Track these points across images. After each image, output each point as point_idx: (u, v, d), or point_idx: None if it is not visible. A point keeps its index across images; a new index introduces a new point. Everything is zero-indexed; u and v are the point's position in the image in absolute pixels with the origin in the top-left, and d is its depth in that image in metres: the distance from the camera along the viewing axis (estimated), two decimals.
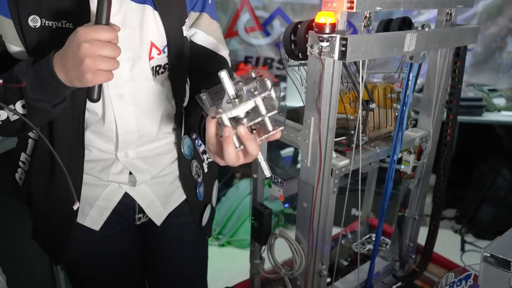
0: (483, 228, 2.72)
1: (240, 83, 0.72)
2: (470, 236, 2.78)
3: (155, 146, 1.05)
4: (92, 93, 0.76)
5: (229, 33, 3.51)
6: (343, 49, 0.95)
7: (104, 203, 1.06)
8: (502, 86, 2.96)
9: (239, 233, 2.61)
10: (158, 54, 0.96)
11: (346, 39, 0.93)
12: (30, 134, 1.00)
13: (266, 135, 0.70)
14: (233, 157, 0.68)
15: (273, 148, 3.09)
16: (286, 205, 1.37)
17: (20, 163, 1.02)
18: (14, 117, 0.82)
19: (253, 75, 0.73)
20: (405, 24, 1.31)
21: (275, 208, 2.67)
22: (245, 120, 0.69)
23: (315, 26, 0.94)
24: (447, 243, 1.93)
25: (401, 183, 1.54)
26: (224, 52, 1.07)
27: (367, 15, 1.02)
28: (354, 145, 1.18)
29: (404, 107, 1.24)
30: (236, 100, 0.68)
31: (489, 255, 0.84)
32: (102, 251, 1.10)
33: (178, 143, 1.10)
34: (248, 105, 0.67)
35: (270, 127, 0.70)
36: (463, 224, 2.81)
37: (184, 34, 0.98)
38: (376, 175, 1.75)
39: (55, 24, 0.85)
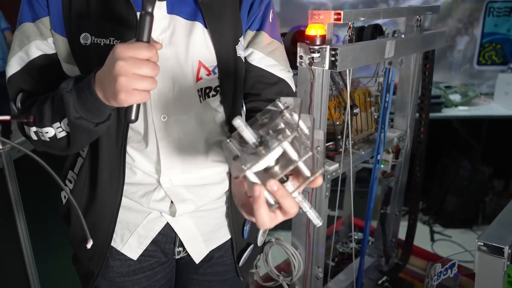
0: (449, 218, 2.87)
1: (266, 119, 0.61)
2: (438, 226, 2.93)
3: (203, 175, 0.96)
4: (129, 114, 0.71)
5: None
6: (333, 59, 0.99)
7: (144, 231, 0.97)
8: (456, 82, 3.16)
9: None
10: (208, 75, 0.88)
11: (336, 49, 0.98)
12: (80, 152, 0.95)
13: (304, 183, 0.58)
14: (267, 219, 0.56)
15: None
16: None
17: (67, 181, 0.97)
18: (60, 135, 0.79)
19: (280, 106, 0.61)
20: (377, 31, 1.38)
21: None
22: (276, 168, 0.57)
23: (306, 38, 0.98)
24: (417, 235, 2.04)
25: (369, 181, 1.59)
26: (285, 74, 0.95)
27: (351, 26, 1.06)
28: (342, 150, 1.23)
29: (385, 110, 1.30)
30: (261, 148, 0.56)
31: (482, 244, 0.90)
32: (136, 285, 1.01)
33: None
34: (274, 154, 0.55)
35: (307, 172, 0.57)
36: (430, 215, 2.95)
37: (238, 54, 0.90)
38: (355, 176, 1.81)
39: (103, 41, 0.83)
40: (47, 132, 0.78)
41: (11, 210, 1.46)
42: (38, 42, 0.84)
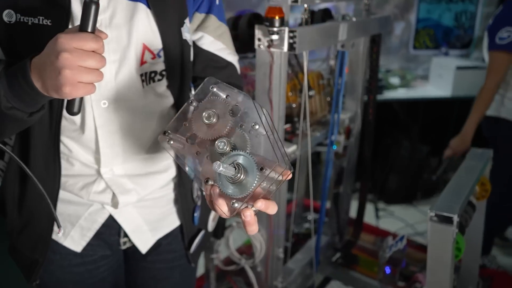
0: (392, 195, 3.05)
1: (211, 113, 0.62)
2: (382, 203, 3.09)
3: (147, 164, 0.93)
4: (71, 106, 0.66)
5: None
6: (291, 41, 1.00)
7: (86, 224, 0.94)
8: (394, 66, 3.32)
9: None
10: (152, 59, 0.85)
11: (294, 31, 0.98)
12: (7, 140, 0.87)
13: (279, 185, 0.62)
14: (256, 230, 0.64)
15: None
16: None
17: None
18: None
19: (221, 94, 0.63)
20: (327, 15, 1.41)
21: None
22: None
23: (265, 20, 0.98)
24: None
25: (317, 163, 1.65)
26: (232, 58, 0.96)
27: (307, 8, 1.08)
28: (300, 132, 1.25)
29: (339, 92, 1.34)
30: (240, 175, 0.58)
31: (434, 214, 0.97)
32: (75, 278, 0.98)
33: None
34: (254, 185, 0.58)
35: (280, 178, 0.60)
36: (375, 193, 3.11)
37: (184, 37, 0.87)
38: (306, 158, 1.86)
39: (31, 20, 0.76)
40: None
41: None
42: None
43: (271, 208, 0.62)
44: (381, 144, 3.11)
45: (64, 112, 0.81)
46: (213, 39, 0.92)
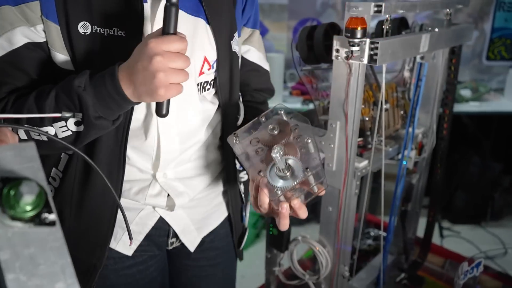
0: (458, 214, 2.87)
1: (275, 131, 0.78)
2: (446, 222, 2.92)
3: (196, 166, 0.98)
4: (161, 108, 0.70)
5: None
6: (372, 52, 0.96)
7: (137, 228, 0.98)
8: (465, 78, 3.14)
9: None
10: (208, 69, 0.91)
11: (377, 43, 0.94)
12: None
13: (311, 198, 0.79)
14: (288, 226, 0.77)
15: None
16: None
17: (50, 179, 0.92)
18: (63, 134, 0.75)
19: (289, 121, 0.79)
20: (403, 24, 1.34)
21: None
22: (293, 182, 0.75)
23: (346, 30, 0.94)
24: None
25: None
26: (267, 66, 1.08)
27: (389, 19, 1.03)
28: (372, 146, 1.20)
29: (415, 106, 1.27)
30: (288, 172, 0.73)
31: None
32: (127, 280, 1.02)
33: (227, 160, 1.04)
34: (299, 179, 0.73)
35: (315, 190, 0.78)
36: (439, 211, 2.95)
37: (233, 49, 0.93)
38: (372, 173, 1.79)
39: (107, 31, 0.78)
40: (46, 132, 0.74)
41: None
42: (24, 28, 0.76)
43: (302, 210, 0.75)
44: (448, 159, 2.95)
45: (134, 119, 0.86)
46: (256, 51, 1.04)
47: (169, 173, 0.94)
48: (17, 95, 0.77)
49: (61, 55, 0.79)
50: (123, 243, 0.98)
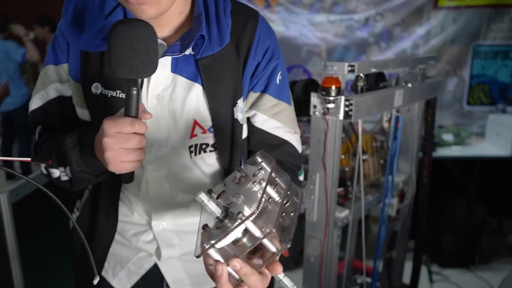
0: (447, 258, 2.86)
1: (242, 179, 0.62)
2: (436, 266, 2.91)
3: (193, 222, 0.97)
4: (123, 177, 0.77)
5: None
6: (347, 109, 1.01)
7: (134, 268, 1.02)
8: (447, 122, 3.23)
9: None
10: (203, 133, 0.90)
11: (350, 100, 0.99)
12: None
13: (268, 258, 0.58)
14: None
15: None
16: None
17: (75, 209, 1.04)
18: (64, 178, 0.86)
19: (258, 160, 0.64)
20: (380, 77, 1.41)
21: None
22: (245, 240, 0.56)
23: (322, 89, 1.00)
24: None
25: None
26: (289, 136, 0.95)
27: (362, 76, 1.09)
28: (353, 196, 1.23)
29: (393, 156, 1.31)
30: (227, 221, 0.56)
31: None
32: None
33: None
34: (236, 233, 0.55)
35: (272, 249, 0.56)
36: (427, 255, 2.94)
37: (235, 117, 0.90)
38: (356, 221, 1.81)
39: (110, 93, 0.88)
40: (53, 173, 0.87)
41: (7, 256, 1.43)
42: (57, 85, 0.92)
43: (248, 275, 0.56)
44: (434, 203, 2.98)
45: None
46: (266, 117, 0.93)
47: (166, 224, 0.97)
48: (47, 136, 0.92)
49: (81, 109, 0.91)
50: (119, 279, 1.02)
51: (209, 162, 0.94)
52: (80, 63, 0.88)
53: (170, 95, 0.88)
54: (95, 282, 0.76)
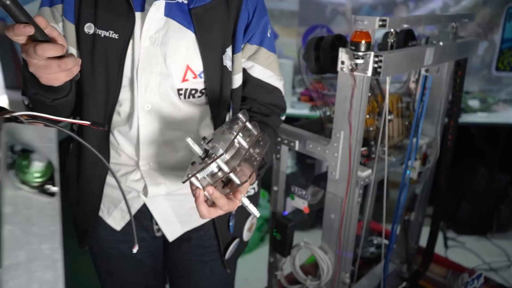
0: (463, 224, 2.87)
1: (226, 130, 0.81)
2: (451, 232, 2.92)
3: (179, 161, 1.06)
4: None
5: None
6: (376, 65, 0.98)
7: (125, 207, 1.11)
8: (474, 88, 3.14)
9: None
10: (194, 78, 0.98)
11: (380, 56, 0.97)
12: (73, 125, 1.10)
13: (234, 187, 0.77)
14: (205, 213, 0.78)
15: None
16: (285, 212, 1.38)
17: (70, 146, 1.11)
18: (26, 102, 0.91)
19: (242, 119, 0.84)
20: (409, 36, 1.36)
21: (267, 214, 2.70)
22: (219, 173, 0.75)
23: (351, 44, 0.97)
24: None
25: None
26: (279, 83, 1.07)
27: (393, 32, 1.05)
28: (376, 156, 1.22)
29: (419, 117, 1.29)
30: (206, 159, 0.75)
31: None
32: (119, 252, 1.16)
33: None
34: (210, 168, 0.74)
35: (237, 181, 0.75)
36: (444, 221, 2.94)
37: (224, 64, 0.98)
38: (377, 182, 1.80)
39: (103, 33, 0.94)
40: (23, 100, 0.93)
41: None
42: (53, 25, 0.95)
43: (218, 199, 0.76)
44: (454, 169, 2.94)
45: (117, 109, 1.00)
46: (262, 68, 1.04)
47: (153, 164, 1.05)
48: None
49: (72, 49, 0.95)
50: (113, 218, 1.12)
51: (198, 107, 1.03)
52: (74, 3, 0.94)
53: (162, 37, 0.94)
54: (135, 250, 0.80)
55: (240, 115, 0.84)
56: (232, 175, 0.75)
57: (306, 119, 2.12)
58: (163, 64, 0.95)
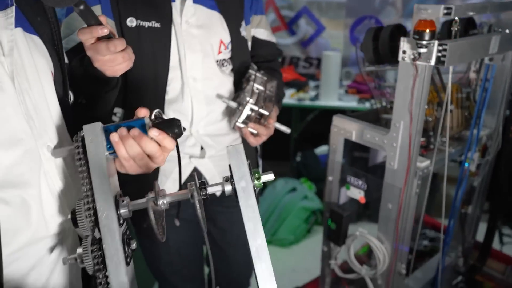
0: None
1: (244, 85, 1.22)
2: (507, 229, 2.80)
3: (219, 127, 1.27)
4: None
5: None
6: (440, 54, 0.97)
7: (177, 176, 1.16)
8: None
9: (279, 232, 2.64)
10: (225, 49, 1.22)
11: (445, 45, 0.96)
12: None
13: (266, 118, 1.20)
14: (254, 142, 1.22)
15: (307, 147, 3.11)
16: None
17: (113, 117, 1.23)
18: (80, 101, 0.94)
19: (252, 72, 1.23)
20: (470, 24, 1.33)
21: (314, 206, 2.71)
22: (253, 114, 1.18)
23: (415, 32, 0.96)
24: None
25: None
26: (272, 37, 1.38)
27: (457, 20, 1.04)
28: (435, 146, 1.21)
29: (481, 107, 1.26)
30: (241, 108, 1.16)
31: None
32: (167, 216, 1.24)
33: None
34: (246, 111, 1.16)
35: (266, 112, 1.19)
36: (500, 217, 2.82)
37: (242, 35, 1.24)
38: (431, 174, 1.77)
39: (147, 24, 1.07)
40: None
41: None
42: None
43: (258, 128, 1.18)
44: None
45: (169, 87, 1.17)
46: (264, 30, 1.35)
47: (201, 130, 1.24)
48: None
49: None
50: (167, 188, 1.18)
51: (227, 73, 1.26)
52: (110, 1, 1.05)
53: (196, 20, 1.15)
54: (177, 223, 0.86)
55: (250, 70, 1.20)
56: (261, 110, 1.15)
57: (353, 112, 2.11)
58: (203, 42, 1.16)
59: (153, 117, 0.70)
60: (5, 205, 0.60)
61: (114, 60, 0.79)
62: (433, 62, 0.98)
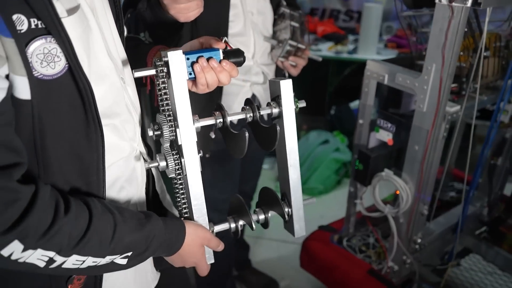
0: None
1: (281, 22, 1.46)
2: None
3: (270, 57, 1.49)
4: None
5: None
6: None
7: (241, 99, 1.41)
8: None
9: (310, 181, 2.73)
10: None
11: None
12: None
13: (302, 52, 1.47)
14: (294, 72, 1.48)
15: (343, 101, 3.12)
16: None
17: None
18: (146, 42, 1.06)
19: (287, 11, 1.45)
20: None
21: (345, 158, 2.77)
22: (291, 48, 1.43)
23: None
24: None
25: None
26: None
27: None
28: (466, 93, 1.23)
29: None
30: (280, 44, 1.43)
31: None
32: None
33: None
34: (287, 47, 1.40)
35: (302, 46, 1.44)
36: None
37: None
38: (463, 125, 1.78)
39: None
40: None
41: None
42: None
43: (296, 59, 1.45)
44: None
45: (232, 23, 1.33)
46: None
47: (259, 60, 1.44)
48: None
49: None
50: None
51: (270, 7, 1.49)
52: None
53: (257, 9, 1.38)
54: (213, 135, 0.94)
55: (282, 8, 1.43)
56: (299, 45, 1.40)
57: None
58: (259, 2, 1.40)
59: (223, 44, 0.78)
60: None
61: (189, 8, 0.89)
62: (469, 3, 1.00)
